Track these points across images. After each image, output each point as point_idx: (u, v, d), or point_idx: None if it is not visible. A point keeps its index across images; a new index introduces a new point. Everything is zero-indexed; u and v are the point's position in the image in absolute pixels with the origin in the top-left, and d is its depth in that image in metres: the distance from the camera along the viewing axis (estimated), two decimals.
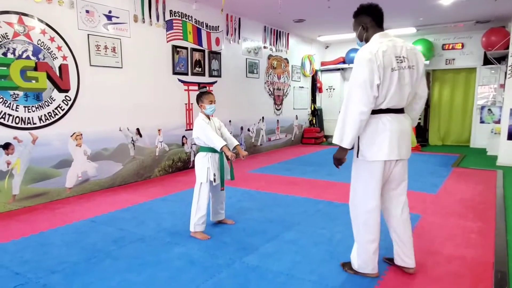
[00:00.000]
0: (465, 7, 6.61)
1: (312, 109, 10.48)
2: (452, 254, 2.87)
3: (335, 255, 2.82)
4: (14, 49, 3.97)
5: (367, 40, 2.32)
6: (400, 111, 2.31)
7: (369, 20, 2.31)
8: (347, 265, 2.56)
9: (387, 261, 2.66)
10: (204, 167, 3.17)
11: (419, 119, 9.12)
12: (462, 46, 8.92)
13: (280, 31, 8.68)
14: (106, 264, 2.70)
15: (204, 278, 2.48)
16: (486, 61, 8.42)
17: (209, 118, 3.31)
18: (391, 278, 2.49)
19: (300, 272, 2.57)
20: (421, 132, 9.40)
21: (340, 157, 2.28)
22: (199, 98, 3.30)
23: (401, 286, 2.40)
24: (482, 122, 8.76)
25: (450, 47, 9.07)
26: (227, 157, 3.16)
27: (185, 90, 6.19)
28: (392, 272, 2.57)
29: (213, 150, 3.20)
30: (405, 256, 2.48)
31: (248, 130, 7.82)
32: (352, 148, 2.34)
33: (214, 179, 3.18)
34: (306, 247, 2.99)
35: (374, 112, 2.23)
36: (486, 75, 8.65)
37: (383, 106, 2.23)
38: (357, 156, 2.32)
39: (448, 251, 2.93)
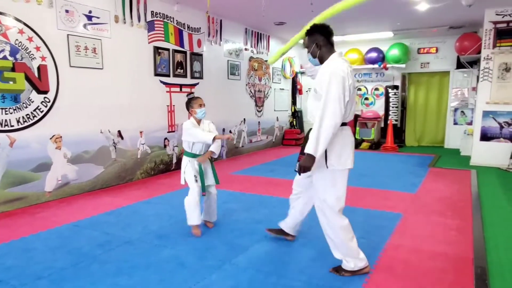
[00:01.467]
0: (440, 13, 6.86)
1: (293, 110, 10.59)
2: (434, 250, 2.98)
3: (323, 255, 2.86)
4: None
5: (320, 57, 2.53)
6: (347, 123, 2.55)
7: (322, 39, 2.51)
8: (340, 269, 2.57)
9: (270, 232, 3.16)
10: (188, 170, 3.34)
11: (396, 120, 9.43)
12: (437, 50, 9.24)
13: (261, 33, 8.73)
14: (94, 268, 2.65)
15: (195, 280, 2.48)
16: (459, 65, 8.75)
17: (199, 123, 3.34)
18: (379, 275, 2.56)
19: (290, 272, 2.61)
20: (398, 133, 9.67)
21: (310, 165, 2.36)
22: (188, 104, 3.33)
23: (389, 283, 2.47)
24: (455, 123, 9.10)
25: (425, 51, 9.38)
26: (210, 160, 3.37)
27: (167, 91, 6.14)
28: (379, 269, 2.65)
29: (192, 155, 3.34)
30: (295, 230, 3.06)
31: (230, 131, 7.82)
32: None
33: (196, 180, 3.30)
34: (295, 247, 3.03)
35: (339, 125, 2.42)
36: (459, 78, 8.98)
37: (346, 120, 2.46)
38: (327, 166, 2.43)
39: (430, 247, 3.03)
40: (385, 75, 9.93)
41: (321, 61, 2.53)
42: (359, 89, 10.34)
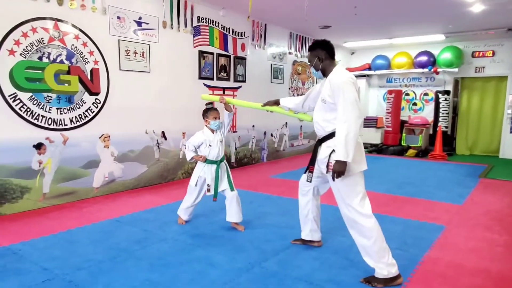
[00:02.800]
0: (497, 14, 6.43)
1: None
2: (476, 267, 2.80)
3: (354, 263, 2.80)
4: (49, 54, 4.16)
5: (322, 70, 2.69)
6: None
7: (324, 53, 2.66)
8: (373, 280, 2.50)
9: (296, 242, 3.15)
10: (196, 174, 3.55)
11: (446, 127, 8.96)
12: (493, 53, 8.66)
13: (305, 37, 8.69)
14: (130, 264, 2.78)
15: (223, 281, 2.52)
16: None
17: (213, 132, 3.54)
18: None
19: (319, 279, 2.57)
20: (448, 140, 9.16)
21: (344, 170, 2.44)
22: (204, 114, 3.57)
23: None
24: None
25: (480, 54, 8.82)
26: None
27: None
28: (414, 282, 2.53)
29: (210, 161, 3.48)
30: (316, 233, 3.06)
31: (271, 135, 7.84)
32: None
33: (208, 189, 3.46)
34: (326, 254, 2.98)
35: None
36: None
37: None
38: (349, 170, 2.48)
39: (472, 264, 2.85)
40: (435, 79, 9.47)
41: (324, 73, 2.69)
42: (407, 94, 9.94)
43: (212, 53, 6.23)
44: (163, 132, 5.55)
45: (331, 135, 2.56)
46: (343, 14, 6.58)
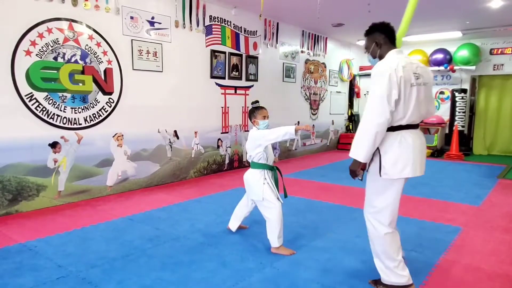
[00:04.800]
0: None
1: (349, 114, 10.30)
2: (495, 270, 2.72)
3: (368, 266, 2.75)
4: (64, 54, 4.22)
5: (380, 57, 2.37)
6: (417, 126, 2.33)
7: (383, 37, 2.36)
8: (379, 283, 2.44)
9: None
10: (263, 186, 3.00)
11: (463, 126, 8.75)
12: None
13: (318, 36, 8.62)
14: (142, 262, 2.80)
15: (234, 281, 2.51)
16: None
17: None
18: None
19: (331, 281, 2.53)
20: (465, 140, 8.96)
21: (354, 169, 2.28)
22: (251, 114, 3.12)
23: None
24: None
25: (499, 51, 8.60)
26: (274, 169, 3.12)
27: (222, 93, 6.29)
28: (430, 286, 2.47)
29: (270, 167, 3.08)
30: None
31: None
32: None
33: (278, 197, 3.02)
34: (338, 256, 2.94)
35: (395, 128, 2.23)
36: None
37: (404, 122, 2.22)
38: (380, 175, 2.26)
39: (490, 267, 2.77)
40: (452, 77, 9.28)
41: None
42: None
43: (224, 52, 6.23)
44: (175, 131, 5.57)
45: None
46: (356, 11, 6.50)
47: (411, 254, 2.97)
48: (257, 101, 3.21)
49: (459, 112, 8.89)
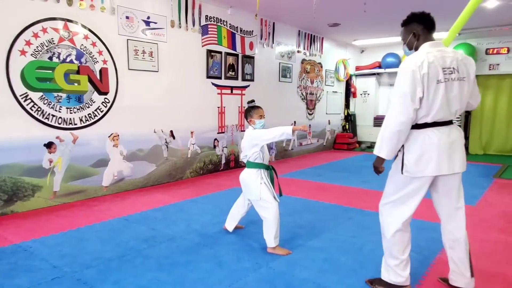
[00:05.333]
0: None
1: (346, 114, 10.32)
2: (491, 270, 2.73)
3: (364, 266, 2.75)
4: (59, 54, 4.19)
5: (417, 49, 2.25)
6: (448, 123, 2.21)
7: (421, 28, 2.25)
8: (375, 282, 2.44)
9: (442, 281, 2.53)
10: (260, 186, 2.99)
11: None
12: (508, 50, 8.48)
13: (314, 36, 8.63)
14: (137, 262, 2.78)
15: (230, 281, 2.50)
16: None
17: None
18: None
19: (327, 281, 2.53)
20: None
21: (377, 165, 2.27)
22: (248, 113, 3.11)
23: None
24: None
25: (495, 51, 8.64)
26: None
27: (218, 93, 6.28)
28: (426, 285, 2.48)
29: (266, 166, 3.07)
30: (461, 276, 2.36)
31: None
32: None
33: (274, 197, 3.02)
34: (335, 256, 2.94)
35: (420, 126, 2.17)
36: None
37: (429, 120, 2.15)
38: (402, 172, 2.22)
39: (486, 267, 2.78)
40: None
41: None
42: None
43: (220, 52, 6.22)
44: (171, 131, 5.56)
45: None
46: (352, 11, 6.51)
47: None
48: (253, 101, 3.20)
49: None
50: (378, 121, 10.06)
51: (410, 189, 2.24)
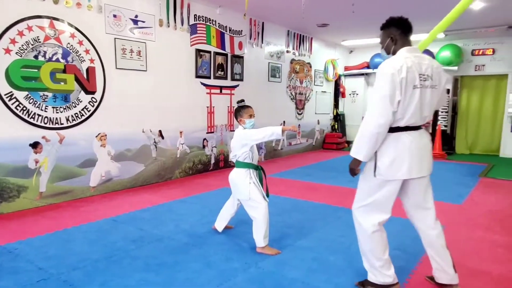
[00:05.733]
0: (497, 12, 6.40)
1: (335, 114, 10.38)
2: (477, 268, 2.77)
3: (353, 265, 2.77)
4: (45, 52, 4.13)
5: (394, 53, 2.29)
6: (418, 128, 2.27)
7: (399, 33, 2.28)
8: (366, 283, 2.44)
9: (429, 280, 2.56)
10: (249, 185, 2.99)
11: (445, 126, 8.91)
12: (493, 52, 8.63)
13: (303, 36, 8.66)
14: (125, 263, 2.76)
15: (219, 281, 2.49)
16: None
17: None
18: None
19: (316, 280, 2.54)
20: (447, 139, 9.13)
21: (354, 167, 2.29)
22: (237, 113, 3.10)
23: None
24: None
25: (480, 52, 8.79)
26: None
27: (207, 93, 6.26)
28: (412, 284, 2.51)
29: (254, 166, 3.08)
30: (443, 273, 2.40)
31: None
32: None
33: (264, 197, 3.00)
34: (324, 255, 2.95)
35: (393, 130, 2.20)
36: None
37: (402, 124, 2.19)
38: (375, 175, 2.25)
39: (472, 265, 2.82)
40: None
41: None
42: None
43: (209, 52, 6.20)
44: (160, 131, 5.52)
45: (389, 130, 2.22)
46: (340, 12, 6.55)
47: (395, 253, 2.99)
48: (242, 100, 3.20)
49: (442, 112, 9.06)
50: None
51: (383, 192, 2.26)
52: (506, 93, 8.58)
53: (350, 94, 10.62)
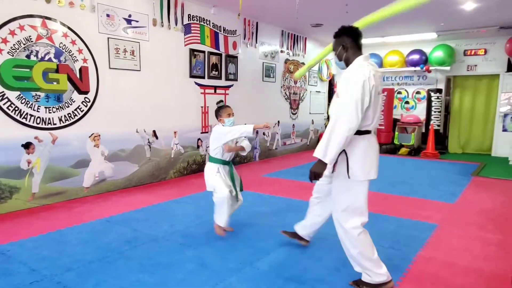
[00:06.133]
0: (489, 13, 6.46)
1: (329, 113, 10.40)
2: (469, 266, 2.79)
3: (347, 263, 2.75)
4: (37, 52, 4.09)
5: (346, 60, 2.44)
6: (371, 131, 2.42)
7: (350, 41, 2.43)
8: (360, 283, 2.46)
9: (286, 235, 3.08)
10: (214, 177, 3.23)
11: (438, 125, 8.98)
12: (485, 52, 8.71)
13: (297, 36, 8.67)
14: (119, 264, 2.74)
15: (214, 282, 2.49)
16: (510, 68, 8.21)
17: None
18: None
19: (311, 279, 2.55)
20: (440, 139, 9.20)
21: (320, 172, 2.26)
22: (217, 113, 3.35)
23: None
24: (504, 130, 8.53)
25: (473, 53, 8.87)
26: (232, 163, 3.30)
27: (202, 93, 6.24)
28: (407, 282, 2.52)
29: (224, 162, 3.28)
30: (310, 235, 2.99)
31: (264, 134, 7.82)
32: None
33: (231, 191, 3.19)
34: (319, 254, 2.96)
35: (363, 132, 2.30)
36: (510, 82, 8.41)
37: (371, 128, 2.33)
38: (349, 177, 2.30)
39: (465, 263, 2.85)
40: (427, 78, 9.51)
41: (347, 64, 2.43)
42: (399, 93, 9.97)
43: (203, 52, 6.18)
44: (154, 131, 5.49)
45: None
46: (334, 12, 6.57)
47: (389, 251, 3.02)
48: (221, 101, 3.45)
49: (435, 112, 9.13)
50: None
51: (359, 192, 2.33)
52: (497, 93, 8.66)
53: None
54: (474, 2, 5.90)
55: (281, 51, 8.20)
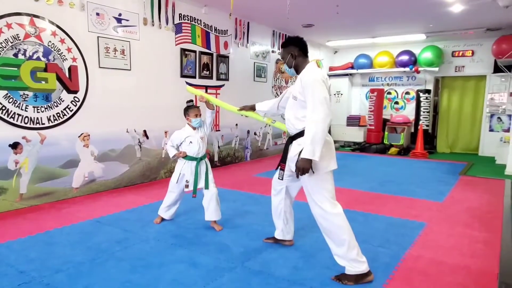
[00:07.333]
0: (476, 15, 6.57)
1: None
2: (457, 263, 2.84)
3: None
4: (25, 50, 4.03)
5: (295, 67, 2.67)
6: None
7: (297, 50, 2.65)
8: (344, 277, 2.51)
9: (268, 241, 3.18)
10: (177, 171, 3.54)
11: (427, 125, 9.10)
12: (472, 53, 8.85)
13: (288, 36, 8.68)
14: (110, 265, 2.72)
15: (205, 282, 2.48)
16: (497, 69, 8.35)
17: (194, 129, 3.54)
18: (395, 287, 2.47)
19: (302, 278, 2.56)
20: (429, 139, 9.32)
21: (308, 167, 2.40)
22: (185, 112, 3.54)
23: None
24: (491, 130, 8.68)
25: (460, 54, 9.00)
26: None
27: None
28: (396, 280, 2.55)
29: (190, 158, 3.48)
30: (288, 233, 3.09)
31: (255, 133, 7.83)
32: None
33: (187, 185, 3.47)
34: (310, 253, 2.98)
35: None
36: (496, 83, 8.56)
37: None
38: (319, 170, 2.47)
39: (453, 260, 2.90)
40: (416, 78, 9.62)
41: (297, 71, 2.66)
42: (389, 93, 10.07)
43: (194, 51, 6.17)
44: (144, 131, 5.46)
45: (302, 133, 2.48)
46: (325, 13, 6.61)
47: (379, 250, 3.06)
48: (191, 101, 3.67)
49: (423, 112, 9.24)
50: (351, 120, 10.27)
51: (330, 181, 2.53)
52: (484, 94, 8.81)
53: (334, 94, 10.71)
54: (462, 4, 5.99)
55: (273, 51, 8.22)
